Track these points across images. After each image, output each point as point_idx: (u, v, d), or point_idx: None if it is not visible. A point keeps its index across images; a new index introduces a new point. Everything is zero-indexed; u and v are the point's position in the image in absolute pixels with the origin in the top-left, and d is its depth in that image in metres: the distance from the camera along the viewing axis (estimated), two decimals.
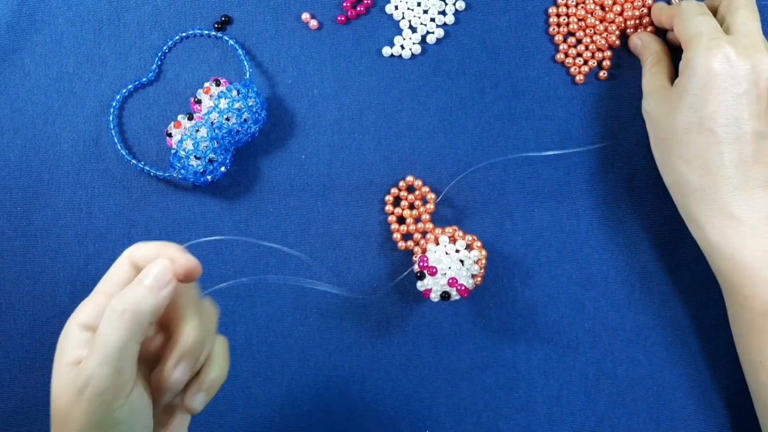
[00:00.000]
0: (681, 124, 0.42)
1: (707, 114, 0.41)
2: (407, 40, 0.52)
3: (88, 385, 0.30)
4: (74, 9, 0.54)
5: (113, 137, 0.52)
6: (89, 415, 0.30)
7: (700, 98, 0.41)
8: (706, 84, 0.41)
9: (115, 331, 0.31)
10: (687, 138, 0.42)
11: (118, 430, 0.31)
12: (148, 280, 0.33)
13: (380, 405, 0.50)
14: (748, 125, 0.41)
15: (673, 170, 0.44)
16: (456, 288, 0.48)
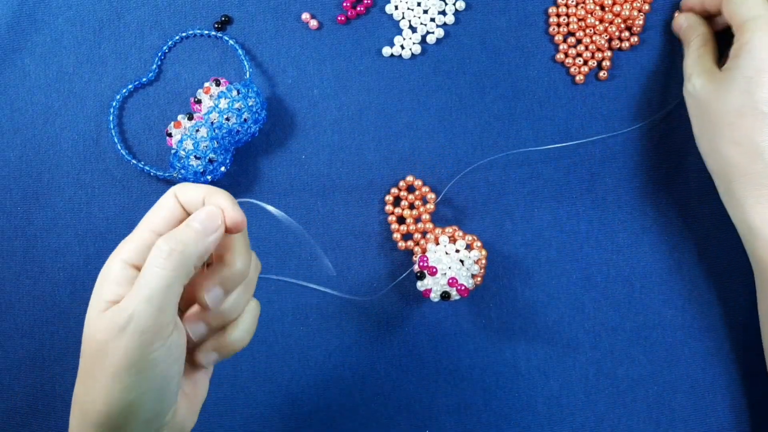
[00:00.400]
0: (733, 106, 0.41)
1: (763, 97, 0.40)
2: (407, 40, 0.52)
3: (130, 322, 0.30)
4: (74, 9, 0.54)
5: (113, 137, 0.52)
6: (128, 352, 0.30)
7: (756, 81, 0.40)
8: (762, 67, 0.40)
9: (160, 270, 0.31)
10: (739, 121, 0.41)
11: (154, 371, 0.31)
12: (198, 225, 0.33)
13: (380, 405, 0.50)
14: None
15: (720, 154, 0.43)
16: (456, 288, 0.48)
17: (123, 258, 0.33)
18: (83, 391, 0.32)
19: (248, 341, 0.36)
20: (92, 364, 0.31)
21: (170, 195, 0.34)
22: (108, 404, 0.31)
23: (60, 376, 0.51)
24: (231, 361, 0.51)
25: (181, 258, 0.32)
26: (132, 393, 0.31)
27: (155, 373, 0.31)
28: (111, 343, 0.30)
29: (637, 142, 0.51)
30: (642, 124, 0.51)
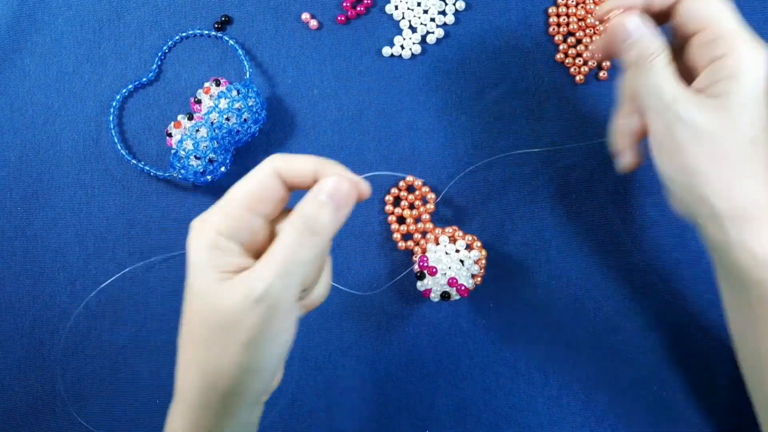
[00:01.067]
0: (748, 137, 0.35)
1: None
2: (407, 40, 0.52)
3: (265, 296, 0.31)
4: (74, 9, 0.54)
5: (113, 137, 0.52)
6: (261, 324, 0.31)
7: (758, 110, 0.35)
8: (759, 95, 0.35)
9: (299, 247, 0.31)
10: (755, 153, 0.35)
11: (278, 342, 0.32)
12: (330, 202, 0.33)
13: (380, 405, 0.50)
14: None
15: (734, 191, 0.35)
16: (456, 288, 0.48)
17: (218, 229, 0.32)
18: (207, 359, 0.32)
19: (328, 295, 0.37)
20: (221, 334, 0.31)
21: (268, 171, 0.33)
22: (236, 372, 0.32)
23: (60, 376, 0.51)
24: None
25: (319, 234, 0.32)
26: (259, 362, 0.32)
27: (279, 344, 0.32)
28: (244, 314, 0.31)
29: None
30: None
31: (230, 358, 0.31)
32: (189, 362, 0.33)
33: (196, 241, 0.32)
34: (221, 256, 0.32)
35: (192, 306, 0.32)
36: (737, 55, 0.35)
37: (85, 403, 0.51)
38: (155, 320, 0.51)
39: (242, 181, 0.33)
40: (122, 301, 0.51)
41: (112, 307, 0.51)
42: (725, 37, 0.35)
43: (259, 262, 0.31)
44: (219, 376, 0.32)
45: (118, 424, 0.51)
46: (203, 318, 0.32)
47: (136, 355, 0.51)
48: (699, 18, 0.36)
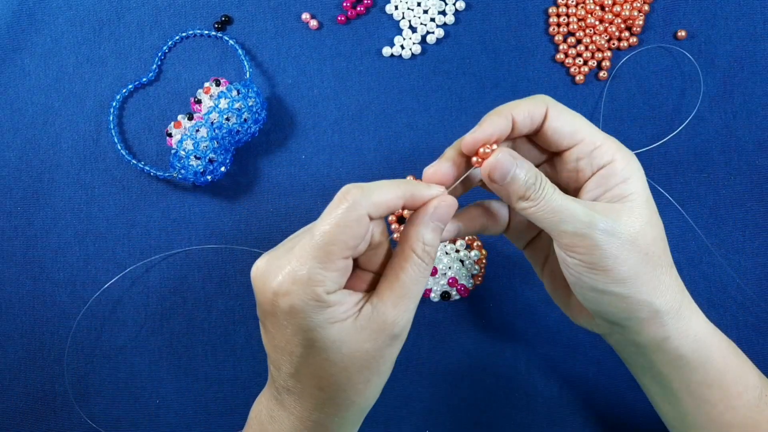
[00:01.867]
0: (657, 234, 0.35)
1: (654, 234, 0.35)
2: (407, 40, 0.52)
3: (401, 333, 0.34)
4: (74, 9, 0.54)
5: (113, 137, 0.52)
6: (395, 351, 0.35)
7: (652, 205, 0.35)
8: (647, 198, 0.35)
9: (425, 280, 0.35)
10: (664, 245, 0.36)
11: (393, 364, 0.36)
12: (441, 226, 0.35)
13: (380, 405, 0.50)
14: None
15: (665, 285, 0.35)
16: (456, 288, 0.48)
17: (327, 290, 0.32)
18: (353, 394, 0.35)
19: None
20: (364, 371, 0.34)
21: (362, 217, 0.32)
22: (375, 396, 0.36)
23: (60, 376, 0.51)
24: (231, 361, 0.51)
25: (434, 260, 0.35)
26: (383, 382, 0.36)
27: (393, 365, 0.36)
28: (384, 350, 0.34)
29: (636, 141, 0.51)
30: (641, 124, 0.51)
31: (373, 385, 0.35)
32: (330, 399, 0.35)
33: (306, 307, 0.32)
34: (336, 309, 0.32)
35: (326, 360, 0.33)
36: (622, 159, 0.34)
37: (85, 402, 0.51)
38: (155, 320, 0.51)
39: (335, 227, 0.31)
40: (122, 301, 0.51)
41: (112, 307, 0.51)
42: (603, 146, 0.34)
43: (388, 298, 0.34)
44: (362, 399, 0.35)
45: (117, 424, 0.51)
46: (344, 366, 0.33)
47: (136, 355, 0.51)
48: (572, 133, 0.35)
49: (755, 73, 0.51)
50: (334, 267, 0.32)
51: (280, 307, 0.32)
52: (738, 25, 0.52)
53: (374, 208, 0.32)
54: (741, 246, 0.50)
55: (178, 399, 0.51)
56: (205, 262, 0.51)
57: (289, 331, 0.33)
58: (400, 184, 0.33)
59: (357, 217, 0.31)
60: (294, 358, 0.33)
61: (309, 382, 0.34)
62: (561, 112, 0.35)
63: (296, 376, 0.34)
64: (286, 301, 0.32)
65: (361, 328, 0.33)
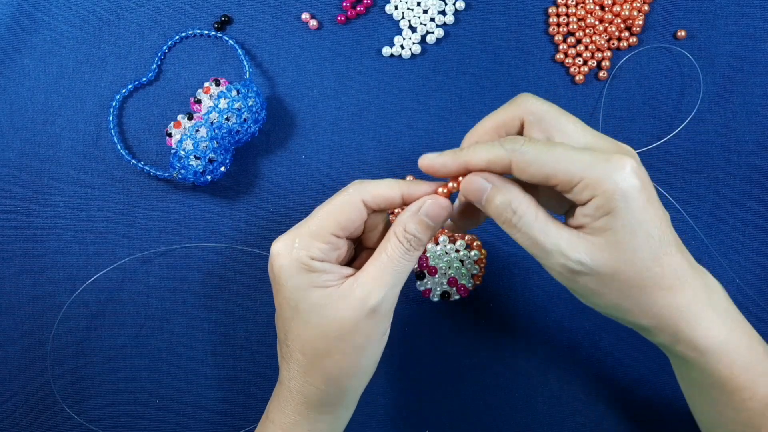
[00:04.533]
0: (648, 257, 0.33)
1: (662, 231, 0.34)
2: (407, 40, 0.52)
3: (380, 306, 0.36)
4: (74, 9, 0.54)
5: (113, 137, 0.52)
6: (373, 328, 0.37)
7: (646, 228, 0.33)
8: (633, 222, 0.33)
9: (405, 262, 0.36)
10: (659, 268, 0.34)
11: (383, 341, 0.38)
12: (431, 222, 0.36)
13: (380, 405, 0.50)
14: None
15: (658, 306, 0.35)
16: (456, 288, 0.48)
17: (311, 256, 0.36)
18: (330, 364, 0.37)
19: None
20: (340, 341, 0.36)
21: (356, 201, 0.37)
22: (353, 371, 0.38)
23: (60, 376, 0.51)
24: (231, 361, 0.51)
25: (418, 249, 0.37)
26: (369, 361, 0.38)
27: (381, 344, 0.38)
28: (360, 321, 0.36)
29: (635, 142, 0.51)
30: (641, 124, 0.51)
31: (350, 360, 0.37)
32: (310, 366, 0.37)
33: (289, 268, 0.36)
34: (320, 276, 0.36)
35: (307, 323, 0.37)
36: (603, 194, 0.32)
37: (85, 402, 0.51)
38: (155, 320, 0.51)
39: (331, 211, 0.37)
40: (122, 301, 0.51)
41: (112, 307, 0.51)
42: (582, 182, 0.32)
43: (368, 273, 0.36)
44: (341, 375, 0.37)
45: (117, 424, 0.51)
46: (322, 331, 0.36)
47: (136, 355, 0.51)
48: (546, 179, 0.33)
49: (755, 73, 0.51)
50: (323, 239, 0.36)
51: (275, 269, 0.37)
52: (738, 25, 0.52)
53: (371, 197, 0.37)
54: (741, 246, 0.50)
55: (178, 399, 0.51)
56: (205, 261, 0.51)
57: (281, 294, 0.37)
58: (401, 182, 0.37)
59: (351, 202, 0.36)
60: (284, 322, 0.38)
61: (295, 346, 0.37)
62: (528, 164, 0.33)
63: (286, 340, 0.38)
64: (279, 262, 0.36)
65: (341, 296, 0.36)
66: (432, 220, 0.36)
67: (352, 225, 0.37)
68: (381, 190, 0.37)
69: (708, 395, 0.38)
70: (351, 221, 0.37)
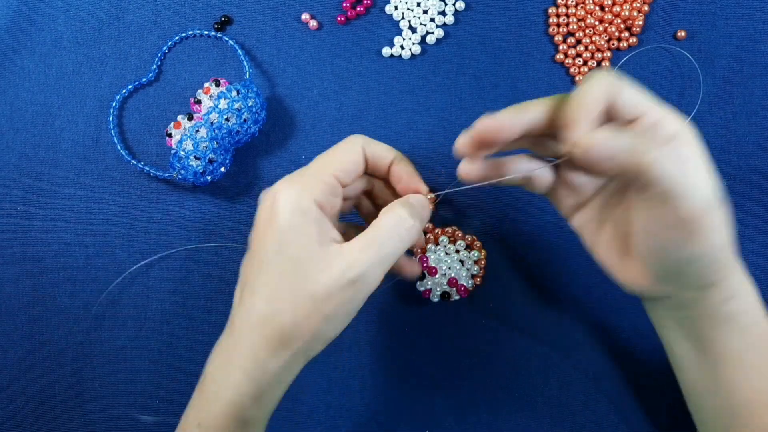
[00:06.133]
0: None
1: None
2: (407, 40, 0.52)
3: (360, 279, 0.34)
4: (74, 9, 0.54)
5: (113, 137, 0.52)
6: (348, 301, 0.35)
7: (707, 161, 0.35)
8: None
9: (398, 241, 0.36)
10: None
11: (351, 315, 0.36)
12: (425, 212, 0.38)
13: (380, 405, 0.50)
14: None
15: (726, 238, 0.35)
16: (456, 288, 0.48)
17: (316, 200, 0.35)
18: (289, 321, 0.35)
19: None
20: (309, 303, 0.34)
21: (359, 150, 0.38)
22: (309, 338, 0.35)
23: (60, 377, 0.51)
24: None
25: (416, 233, 0.37)
26: (330, 332, 0.36)
27: (349, 318, 0.36)
28: (336, 290, 0.34)
29: None
30: None
31: (310, 326, 0.35)
32: (268, 317, 0.35)
33: (293, 205, 0.35)
34: (316, 226, 0.35)
35: (285, 271, 0.35)
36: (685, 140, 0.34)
37: (85, 403, 0.51)
38: (155, 320, 0.51)
39: (333, 153, 0.38)
40: (122, 301, 0.51)
41: (112, 307, 0.51)
42: (665, 118, 0.34)
43: (356, 244, 0.35)
44: (297, 336, 0.35)
45: (117, 424, 0.51)
46: (295, 286, 0.34)
47: (136, 355, 0.51)
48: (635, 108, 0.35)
49: (755, 73, 0.51)
50: (325, 179, 0.36)
51: (273, 206, 0.35)
52: (738, 25, 0.52)
53: (369, 147, 0.38)
54: (741, 246, 0.50)
55: (178, 399, 0.51)
56: (205, 262, 0.51)
57: (269, 236, 0.35)
58: (397, 152, 0.39)
59: (353, 147, 0.38)
60: (260, 265, 0.35)
61: (261, 291, 0.35)
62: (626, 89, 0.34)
63: (253, 284, 0.36)
64: (280, 199, 0.35)
65: (324, 258, 0.34)
66: (419, 208, 0.38)
67: (353, 169, 0.38)
68: (378, 146, 0.39)
69: (740, 361, 0.37)
70: (353, 163, 0.38)
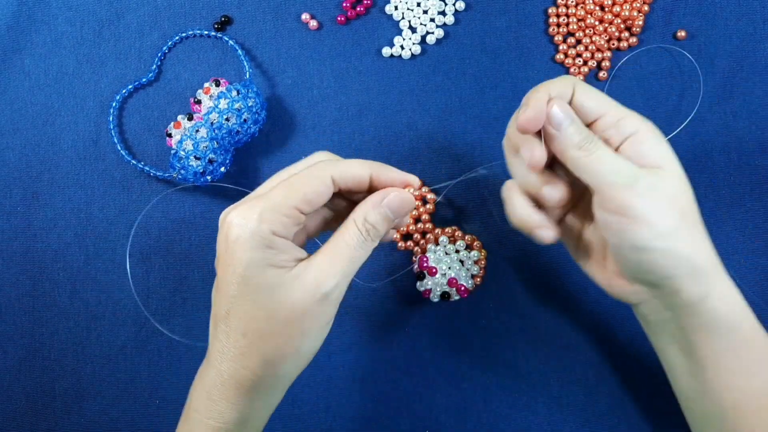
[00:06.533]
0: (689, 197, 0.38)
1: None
2: (407, 40, 0.52)
3: (331, 294, 0.35)
4: (74, 9, 0.54)
5: (113, 137, 0.52)
6: (322, 314, 0.35)
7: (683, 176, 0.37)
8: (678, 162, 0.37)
9: (359, 251, 0.36)
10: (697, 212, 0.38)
11: (327, 328, 0.37)
12: (391, 214, 0.37)
13: (380, 405, 0.50)
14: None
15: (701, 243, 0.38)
16: (456, 288, 0.48)
17: (273, 231, 0.34)
18: (272, 347, 0.35)
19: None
20: (287, 325, 0.35)
21: (326, 178, 0.36)
22: (293, 356, 0.36)
23: (60, 377, 0.51)
24: None
25: (375, 240, 0.37)
26: (311, 347, 0.36)
27: (325, 331, 0.36)
28: (311, 307, 0.35)
29: None
30: None
31: (292, 345, 0.35)
32: (248, 349, 0.35)
33: (250, 241, 0.34)
34: (277, 254, 0.34)
35: (254, 303, 0.35)
36: (648, 129, 0.37)
37: (85, 403, 0.51)
38: (155, 320, 0.51)
39: (296, 183, 0.35)
40: (122, 300, 0.51)
41: (112, 307, 0.51)
42: (627, 117, 0.37)
43: (323, 258, 0.35)
44: (280, 359, 0.35)
45: (117, 425, 0.51)
46: (269, 313, 0.35)
47: (136, 355, 0.51)
48: (597, 106, 0.38)
49: (755, 73, 0.51)
50: (285, 212, 0.35)
51: (229, 241, 0.34)
52: (738, 25, 0.52)
53: (339, 174, 0.36)
54: (741, 246, 0.50)
55: (178, 399, 0.51)
56: (205, 261, 0.51)
57: (231, 268, 0.35)
58: (371, 163, 0.38)
59: (319, 176, 0.36)
60: (228, 299, 0.35)
61: (236, 326, 0.35)
62: (586, 90, 0.38)
63: (226, 319, 0.35)
64: (234, 234, 0.34)
65: (294, 277, 0.34)
66: (393, 213, 0.37)
67: (319, 201, 0.36)
68: (350, 167, 0.37)
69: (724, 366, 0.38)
70: (318, 195, 0.35)
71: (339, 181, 0.36)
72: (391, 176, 0.38)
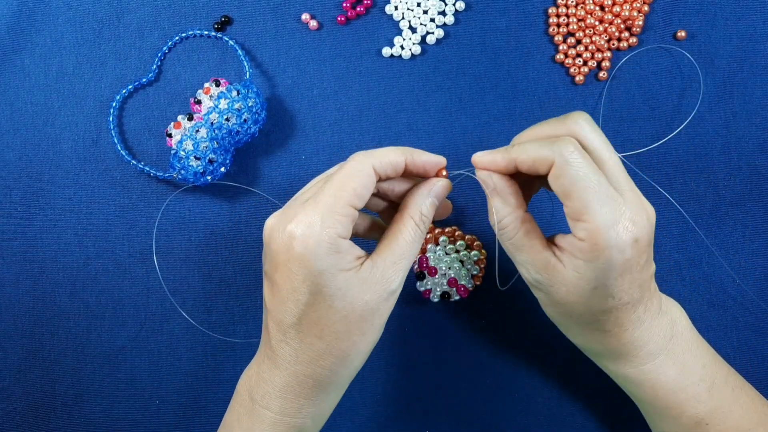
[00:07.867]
0: (597, 309, 0.38)
1: (627, 294, 0.37)
2: (407, 40, 0.52)
3: (397, 290, 0.37)
4: (74, 9, 0.54)
5: (113, 137, 0.52)
6: (390, 309, 0.38)
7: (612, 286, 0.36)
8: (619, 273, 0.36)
9: (417, 243, 0.38)
10: (604, 317, 0.38)
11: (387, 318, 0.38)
12: (437, 203, 0.39)
13: (380, 405, 0.50)
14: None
15: (592, 338, 0.41)
16: (456, 288, 0.48)
17: (339, 234, 0.35)
18: (348, 346, 0.37)
19: None
20: (362, 323, 0.37)
21: (369, 170, 0.36)
22: (368, 350, 0.38)
23: (60, 377, 0.51)
24: (231, 361, 0.51)
25: (426, 231, 0.39)
26: (378, 336, 0.38)
27: (383, 326, 0.38)
28: (381, 304, 0.37)
29: (636, 142, 0.51)
30: (641, 125, 0.51)
31: (365, 340, 0.37)
32: (326, 350, 0.37)
33: (317, 249, 0.34)
34: (343, 257, 0.35)
35: (330, 308, 0.36)
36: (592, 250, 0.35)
37: (85, 403, 0.51)
38: (155, 320, 0.51)
39: (345, 181, 0.35)
40: (122, 301, 0.51)
41: (112, 307, 0.51)
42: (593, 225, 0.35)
43: (386, 256, 0.37)
44: (355, 355, 0.38)
45: (117, 425, 0.51)
46: (344, 315, 0.36)
47: (136, 355, 0.51)
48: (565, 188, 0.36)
49: (755, 73, 0.51)
50: (342, 212, 0.35)
51: (294, 252, 0.35)
52: (738, 25, 0.52)
53: (378, 163, 0.36)
54: (741, 246, 0.50)
55: (178, 399, 0.51)
56: (205, 261, 0.51)
57: (299, 277, 0.35)
58: (402, 148, 0.38)
59: (363, 168, 0.36)
60: (299, 306, 0.36)
61: (310, 330, 0.36)
62: (560, 176, 0.36)
63: (298, 325, 0.36)
64: (300, 244, 0.34)
65: (363, 280, 0.36)
66: (438, 200, 0.39)
67: (367, 193, 0.36)
68: (386, 155, 0.37)
69: (645, 410, 0.44)
70: (366, 187, 0.36)
71: (379, 169, 0.37)
72: (423, 159, 0.39)
